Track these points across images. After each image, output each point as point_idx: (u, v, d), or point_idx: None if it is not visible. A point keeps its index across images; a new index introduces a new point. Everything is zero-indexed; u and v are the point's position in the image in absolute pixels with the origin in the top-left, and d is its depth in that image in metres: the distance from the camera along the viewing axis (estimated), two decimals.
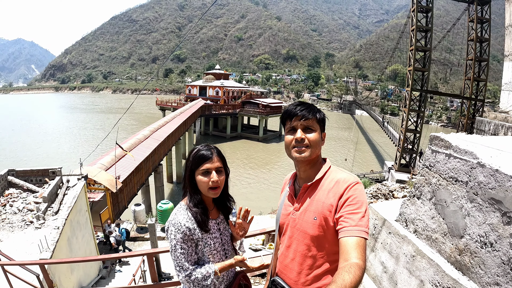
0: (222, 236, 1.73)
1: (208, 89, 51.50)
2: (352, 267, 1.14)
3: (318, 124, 1.46)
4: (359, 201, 1.32)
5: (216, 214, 1.75)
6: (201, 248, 1.63)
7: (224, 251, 1.72)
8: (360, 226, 1.26)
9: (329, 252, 1.39)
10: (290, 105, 1.54)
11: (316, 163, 1.51)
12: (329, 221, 1.36)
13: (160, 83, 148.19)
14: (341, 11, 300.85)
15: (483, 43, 22.62)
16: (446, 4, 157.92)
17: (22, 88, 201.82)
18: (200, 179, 1.58)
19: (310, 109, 1.46)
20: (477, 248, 1.97)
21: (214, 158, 1.60)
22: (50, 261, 3.85)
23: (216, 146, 1.68)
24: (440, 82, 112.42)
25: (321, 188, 1.44)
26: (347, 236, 1.25)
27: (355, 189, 1.35)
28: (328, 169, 1.49)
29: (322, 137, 1.49)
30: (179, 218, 1.59)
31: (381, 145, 46.33)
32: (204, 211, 1.64)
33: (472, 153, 2.09)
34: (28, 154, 33.63)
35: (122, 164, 14.90)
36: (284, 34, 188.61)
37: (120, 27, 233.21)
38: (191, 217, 1.60)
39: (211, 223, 1.68)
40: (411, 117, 23.66)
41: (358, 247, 1.21)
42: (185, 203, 1.66)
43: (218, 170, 1.61)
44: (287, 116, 1.49)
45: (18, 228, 6.07)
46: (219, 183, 1.60)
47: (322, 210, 1.38)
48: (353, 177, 1.41)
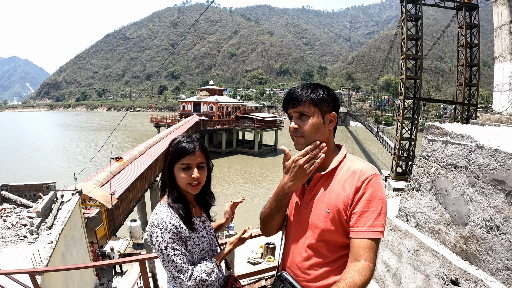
0: (209, 236, 1.60)
1: (202, 105, 51.58)
2: (363, 268, 1.12)
3: (315, 107, 1.29)
4: (377, 197, 1.22)
5: (199, 212, 1.61)
6: (189, 249, 1.47)
7: (212, 252, 1.60)
8: (374, 227, 1.19)
9: (340, 248, 1.30)
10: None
11: (327, 151, 1.34)
12: (342, 215, 1.25)
13: (154, 100, 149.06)
14: (332, 24, 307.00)
15: (473, 48, 23.02)
16: (435, 13, 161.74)
17: (16, 106, 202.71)
18: (179, 174, 1.42)
19: (304, 91, 1.31)
20: (483, 234, 1.91)
21: (197, 152, 1.43)
22: (39, 269, 3.74)
23: (199, 138, 1.51)
24: (432, 90, 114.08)
25: (335, 178, 1.31)
26: (360, 237, 1.19)
27: (374, 184, 1.24)
28: (344, 158, 1.36)
29: (331, 119, 1.33)
30: (162, 217, 1.40)
31: (377, 155, 46.50)
32: (185, 207, 1.48)
33: (469, 137, 2.06)
34: (22, 170, 33.32)
35: (117, 180, 14.78)
36: (277, 49, 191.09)
37: (114, 44, 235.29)
38: (175, 214, 1.42)
39: (195, 220, 1.53)
40: (405, 125, 23.82)
41: (370, 249, 1.18)
42: (165, 201, 1.48)
43: (200, 165, 1.45)
44: (283, 104, 1.38)
45: (11, 243, 5.93)
46: (200, 180, 1.45)
47: (336, 202, 1.27)
48: (371, 167, 1.28)
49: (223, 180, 30.80)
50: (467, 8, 22.73)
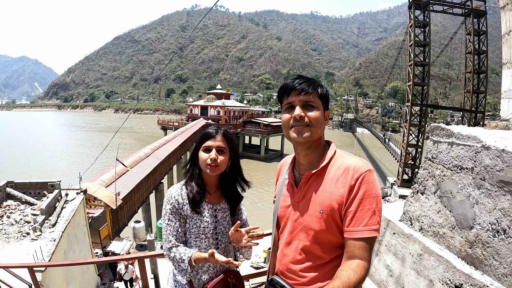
0: (217, 224, 1.63)
1: (209, 109, 51.87)
2: (358, 266, 1.12)
3: (320, 100, 1.27)
4: (371, 195, 1.18)
5: (216, 199, 1.67)
6: (188, 228, 1.60)
7: (216, 241, 1.63)
8: (369, 226, 1.16)
9: (335, 248, 1.26)
10: (287, 78, 1.36)
11: (318, 147, 1.32)
12: (336, 214, 1.22)
13: (162, 103, 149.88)
14: (340, 30, 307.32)
15: (481, 55, 22.81)
16: (443, 20, 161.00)
17: (25, 106, 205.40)
18: (200, 155, 1.58)
19: (310, 82, 1.27)
20: (489, 238, 1.86)
21: (218, 137, 1.59)
22: (38, 264, 3.73)
23: (226, 129, 1.67)
24: (440, 97, 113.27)
25: (327, 176, 1.26)
26: (354, 238, 1.17)
27: (368, 181, 1.19)
28: (334, 154, 1.31)
29: (326, 116, 1.30)
30: (171, 191, 1.61)
31: (383, 161, 46.17)
32: (199, 190, 1.60)
33: (475, 138, 2.01)
34: (28, 168, 33.70)
35: (122, 181, 14.82)
36: (285, 54, 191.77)
37: (123, 47, 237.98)
38: (184, 193, 1.60)
39: (206, 206, 1.62)
40: (412, 132, 23.63)
41: (365, 247, 1.16)
42: (184, 181, 1.67)
43: (220, 149, 1.58)
44: (284, 91, 1.30)
45: (14, 239, 5.96)
46: (217, 162, 1.55)
47: (330, 202, 1.22)
48: (363, 163, 1.24)
49: None
50: (475, 14, 22.57)
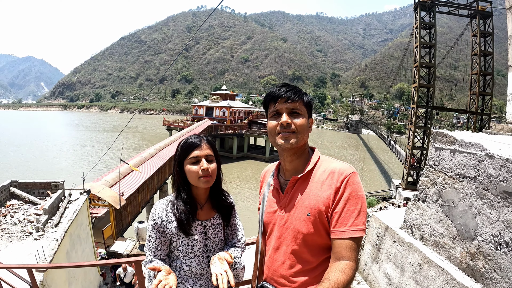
0: (208, 242, 1.51)
1: (214, 110, 51.87)
2: (346, 267, 1.14)
3: (305, 108, 1.33)
4: (356, 196, 1.22)
5: (207, 215, 1.53)
6: (176, 246, 1.48)
7: (206, 259, 1.50)
8: (355, 226, 1.20)
9: (323, 251, 1.28)
10: (273, 86, 1.39)
11: (303, 153, 1.37)
12: (323, 216, 1.25)
13: (167, 103, 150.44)
14: (346, 32, 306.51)
15: (487, 57, 22.60)
16: (449, 21, 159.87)
17: (31, 105, 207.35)
18: (189, 169, 1.42)
19: (296, 90, 1.33)
20: (491, 250, 1.80)
21: (203, 145, 1.45)
22: (37, 266, 3.73)
23: (206, 135, 1.54)
24: (445, 99, 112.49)
25: (313, 180, 1.31)
26: (341, 238, 1.20)
27: (353, 183, 1.24)
28: (319, 159, 1.36)
29: (310, 123, 1.35)
30: (156, 207, 1.50)
31: (388, 163, 45.88)
32: (191, 208, 1.47)
33: (479, 145, 1.95)
34: (32, 167, 33.89)
35: (126, 181, 14.85)
36: (290, 55, 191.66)
37: (129, 47, 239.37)
38: (169, 209, 1.47)
39: (195, 224, 1.49)
40: (418, 134, 23.45)
41: (352, 248, 1.19)
42: (173, 196, 1.51)
43: (208, 158, 1.45)
44: (270, 99, 1.34)
45: (16, 239, 5.98)
46: (210, 172, 1.43)
47: (316, 204, 1.25)
48: (348, 166, 1.28)
49: (233, 185, 30.75)
50: (481, 16, 22.38)
